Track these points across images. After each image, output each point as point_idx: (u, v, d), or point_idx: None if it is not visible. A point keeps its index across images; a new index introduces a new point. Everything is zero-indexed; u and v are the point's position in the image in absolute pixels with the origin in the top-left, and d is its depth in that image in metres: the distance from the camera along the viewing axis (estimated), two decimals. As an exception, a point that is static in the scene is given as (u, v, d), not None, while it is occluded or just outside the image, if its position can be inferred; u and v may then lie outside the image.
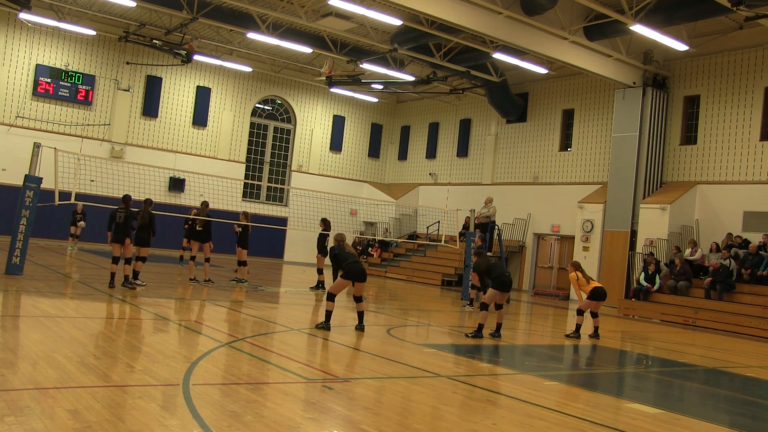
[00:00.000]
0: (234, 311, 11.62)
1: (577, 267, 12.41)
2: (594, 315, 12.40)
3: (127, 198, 12.82)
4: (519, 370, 8.61)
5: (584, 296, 12.28)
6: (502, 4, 17.40)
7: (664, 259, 19.22)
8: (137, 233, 12.90)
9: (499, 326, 10.90)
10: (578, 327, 12.15)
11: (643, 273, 18.69)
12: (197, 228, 15.78)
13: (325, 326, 9.74)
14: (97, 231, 24.75)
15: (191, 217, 19.23)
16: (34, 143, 13.69)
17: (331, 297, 9.91)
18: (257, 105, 29.76)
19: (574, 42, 19.14)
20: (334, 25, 21.51)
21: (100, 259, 19.69)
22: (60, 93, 24.91)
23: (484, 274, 11.23)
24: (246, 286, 15.41)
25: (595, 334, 12.24)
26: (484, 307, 10.75)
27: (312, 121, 30.88)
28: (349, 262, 9.90)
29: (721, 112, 20.02)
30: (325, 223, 16.61)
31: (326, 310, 9.88)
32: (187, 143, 27.70)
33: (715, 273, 17.11)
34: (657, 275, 18.26)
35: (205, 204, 16.27)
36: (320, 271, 16.45)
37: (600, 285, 12.37)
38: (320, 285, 16.12)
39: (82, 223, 21.91)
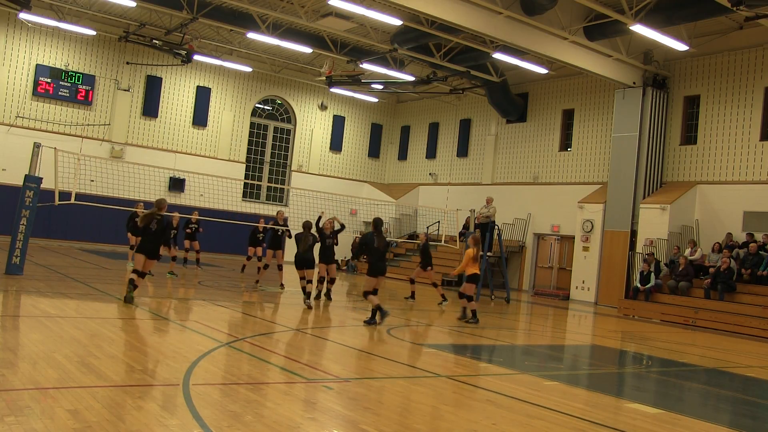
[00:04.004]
0: (234, 311, 11.62)
1: (477, 243, 12.64)
2: (463, 296, 12.64)
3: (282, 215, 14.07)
4: (519, 370, 8.61)
5: (463, 272, 12.60)
6: (502, 4, 17.40)
7: (664, 259, 19.22)
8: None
9: (374, 311, 11.11)
10: (474, 313, 12.44)
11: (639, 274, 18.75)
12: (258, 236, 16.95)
13: (306, 302, 12.30)
14: (93, 230, 24.79)
15: (193, 218, 19.33)
16: (34, 143, 13.68)
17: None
18: (257, 105, 29.76)
19: (574, 42, 19.13)
20: (334, 25, 21.51)
21: (101, 260, 19.70)
22: (60, 93, 24.91)
23: (365, 249, 11.32)
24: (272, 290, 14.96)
25: (465, 316, 12.50)
26: (366, 294, 11.10)
27: (312, 121, 30.88)
28: (298, 251, 12.39)
29: (721, 112, 20.02)
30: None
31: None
32: (187, 143, 27.70)
33: (716, 273, 17.09)
34: (651, 275, 18.27)
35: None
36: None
37: (479, 272, 12.64)
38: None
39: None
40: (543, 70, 22.23)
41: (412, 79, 24.60)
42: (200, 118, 27.93)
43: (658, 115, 20.99)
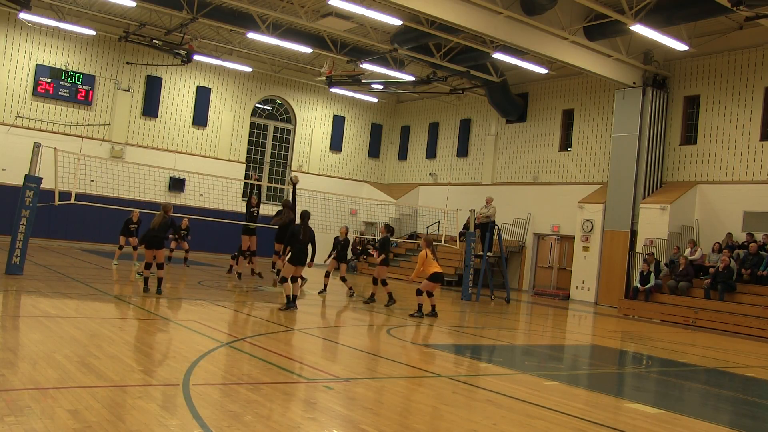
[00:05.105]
0: (234, 311, 11.63)
1: (430, 244, 12.83)
2: (430, 295, 12.84)
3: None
4: (519, 370, 8.61)
5: (425, 275, 12.78)
6: (502, 4, 17.40)
7: (664, 259, 19.22)
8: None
9: (294, 297, 11.57)
10: (420, 307, 12.58)
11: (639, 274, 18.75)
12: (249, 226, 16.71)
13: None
14: (93, 230, 24.79)
15: (183, 224, 19.63)
16: (34, 143, 13.67)
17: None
18: (257, 105, 29.76)
19: (574, 42, 19.13)
20: (334, 25, 21.50)
21: (101, 260, 19.69)
22: (60, 93, 24.90)
23: (291, 239, 11.83)
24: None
25: (433, 313, 12.67)
26: (284, 280, 11.59)
27: (312, 121, 30.88)
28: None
29: (721, 112, 20.02)
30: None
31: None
32: (187, 143, 27.70)
33: (716, 273, 17.08)
34: (651, 275, 18.27)
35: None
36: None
37: (440, 270, 12.85)
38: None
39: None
40: (543, 70, 22.23)
41: (412, 79, 24.59)
42: (200, 118, 27.93)
43: (658, 115, 20.99)
